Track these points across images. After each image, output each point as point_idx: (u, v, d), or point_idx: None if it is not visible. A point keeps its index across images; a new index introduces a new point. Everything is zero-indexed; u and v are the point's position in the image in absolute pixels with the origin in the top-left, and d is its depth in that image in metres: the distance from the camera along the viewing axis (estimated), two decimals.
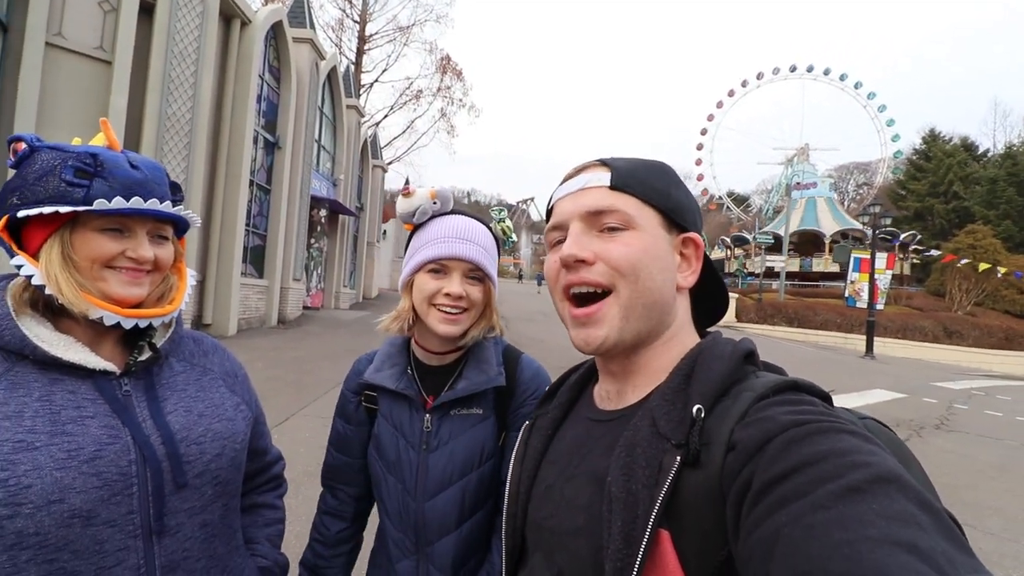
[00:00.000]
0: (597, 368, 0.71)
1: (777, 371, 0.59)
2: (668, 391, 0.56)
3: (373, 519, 1.21)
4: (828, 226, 35.11)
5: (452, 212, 1.09)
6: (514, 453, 0.75)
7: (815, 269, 33.75)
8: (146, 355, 0.79)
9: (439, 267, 1.02)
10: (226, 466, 0.84)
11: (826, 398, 0.53)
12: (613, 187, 0.61)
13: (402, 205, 1.07)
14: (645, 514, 0.49)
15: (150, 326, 0.81)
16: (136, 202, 0.72)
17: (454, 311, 1.01)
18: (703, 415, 0.51)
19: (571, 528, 0.59)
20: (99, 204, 0.70)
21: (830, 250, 34.24)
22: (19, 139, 0.73)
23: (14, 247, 0.73)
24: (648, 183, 0.63)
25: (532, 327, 13.82)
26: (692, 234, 0.64)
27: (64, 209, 0.70)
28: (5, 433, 0.65)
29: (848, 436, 0.43)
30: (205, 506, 0.81)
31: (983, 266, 21.06)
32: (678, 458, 0.50)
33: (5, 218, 0.72)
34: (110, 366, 0.75)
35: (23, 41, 6.12)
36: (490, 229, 1.11)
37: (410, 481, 1.04)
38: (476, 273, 1.04)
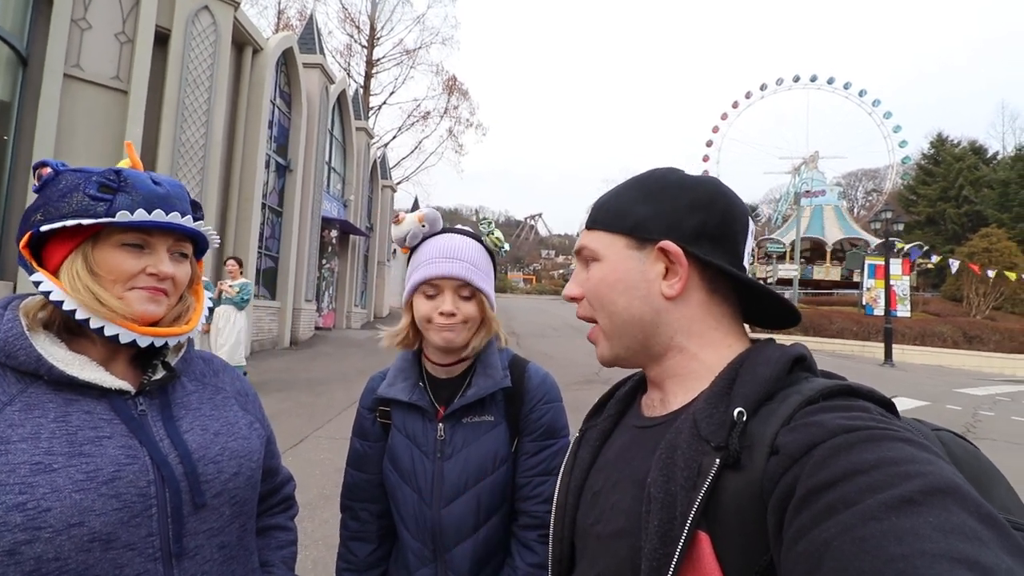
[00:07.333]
0: (645, 378, 0.71)
1: (836, 379, 0.56)
2: (711, 395, 0.55)
3: None
4: (833, 234, 34.97)
5: (443, 231, 1.13)
6: (563, 465, 0.75)
7: (815, 276, 33.35)
8: (160, 374, 0.78)
9: (431, 287, 1.06)
10: (243, 485, 0.82)
11: (887, 405, 0.50)
12: (587, 227, 0.69)
13: (394, 231, 1.14)
14: (683, 515, 0.48)
15: (165, 345, 0.80)
16: (158, 215, 0.73)
17: (450, 325, 1.06)
18: (744, 418, 0.50)
19: (613, 531, 0.58)
20: (121, 216, 0.70)
21: (831, 258, 34.02)
22: (45, 164, 0.74)
23: (34, 264, 0.72)
24: (612, 211, 0.66)
25: (543, 342, 13.75)
26: (662, 243, 0.61)
27: (87, 221, 0.70)
28: (22, 455, 0.64)
29: (902, 444, 0.41)
30: (223, 527, 0.79)
31: (1011, 275, 20.41)
32: (717, 460, 0.49)
33: (28, 235, 0.72)
34: (125, 385, 0.74)
35: (42, 73, 6.33)
36: (482, 242, 1.15)
37: (426, 489, 1.07)
38: (466, 289, 1.07)
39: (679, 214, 0.62)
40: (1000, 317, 23.49)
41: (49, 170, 0.74)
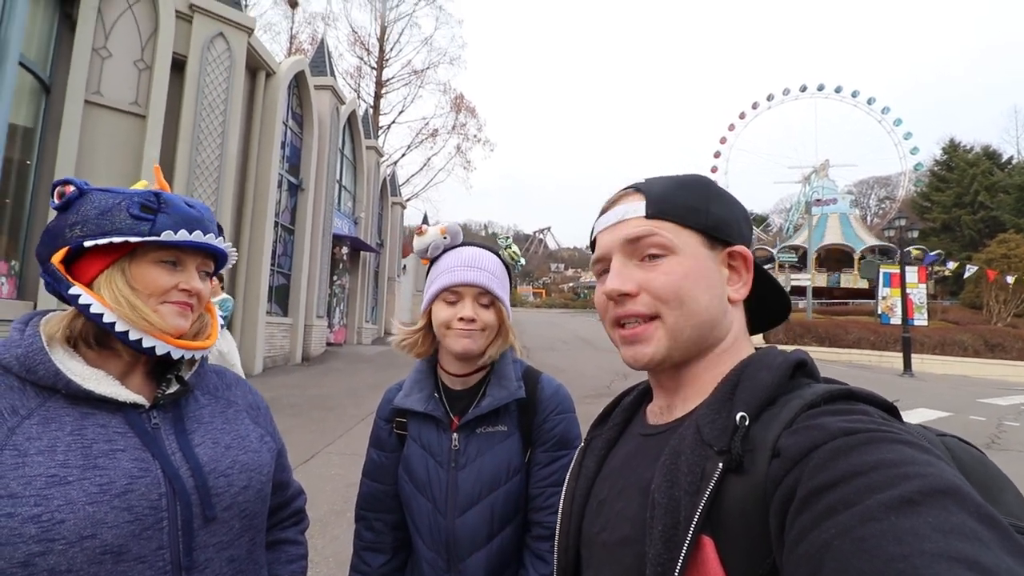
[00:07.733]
0: (650, 387, 0.71)
1: (838, 385, 0.56)
2: (714, 401, 0.55)
3: None
4: (829, 241, 35.33)
5: (463, 244, 1.17)
6: (568, 473, 0.75)
7: (802, 284, 33.36)
8: (174, 388, 0.80)
9: (452, 294, 1.10)
10: (253, 498, 0.83)
11: (889, 409, 0.50)
12: (650, 216, 0.62)
13: (417, 243, 1.18)
14: (687, 520, 0.48)
15: (180, 359, 0.82)
16: (197, 235, 0.78)
17: (469, 331, 1.08)
18: (747, 422, 0.50)
19: (619, 539, 0.58)
20: (166, 235, 0.75)
21: (818, 264, 33.92)
22: (68, 182, 0.76)
23: (69, 278, 0.73)
24: (684, 204, 0.62)
25: (553, 356, 13.68)
26: (738, 247, 0.63)
27: (134, 239, 0.73)
28: (38, 468, 0.65)
29: (902, 446, 0.41)
30: (233, 540, 0.80)
31: None
32: (720, 465, 0.49)
33: (65, 249, 0.73)
34: (140, 399, 0.76)
35: (64, 99, 6.53)
36: (499, 256, 1.19)
37: (440, 499, 1.08)
38: (486, 297, 1.10)
39: (741, 223, 0.65)
40: (1022, 324, 22.93)
41: (73, 188, 0.75)
